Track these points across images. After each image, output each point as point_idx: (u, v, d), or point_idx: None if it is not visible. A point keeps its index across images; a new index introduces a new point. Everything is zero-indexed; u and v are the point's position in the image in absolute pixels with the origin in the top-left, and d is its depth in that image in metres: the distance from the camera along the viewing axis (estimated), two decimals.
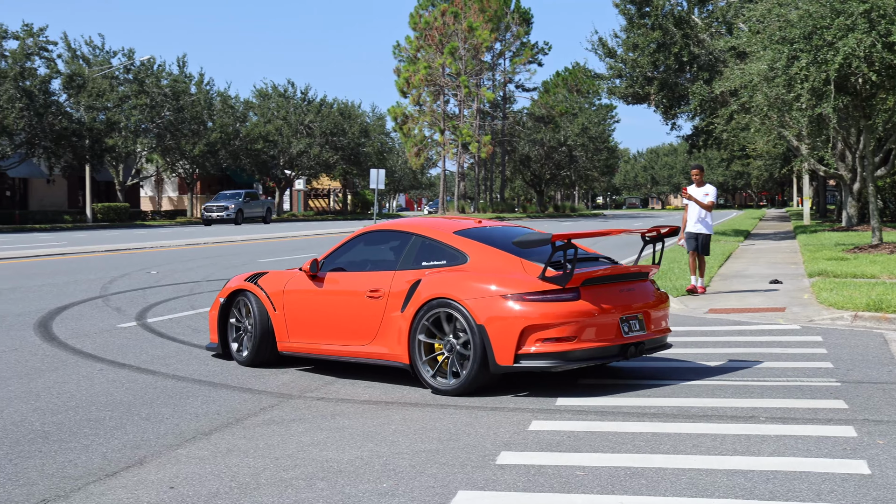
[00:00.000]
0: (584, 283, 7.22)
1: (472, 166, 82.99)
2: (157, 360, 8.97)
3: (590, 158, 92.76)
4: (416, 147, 70.61)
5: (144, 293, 14.80)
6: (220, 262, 21.75)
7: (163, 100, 59.91)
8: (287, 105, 75.43)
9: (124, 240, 33.32)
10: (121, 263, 21.01)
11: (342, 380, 8.07)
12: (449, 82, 71.85)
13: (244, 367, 8.62)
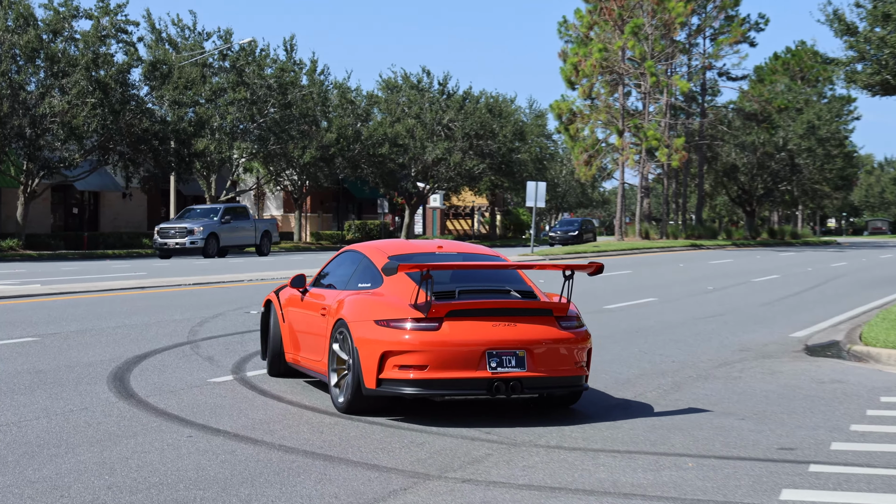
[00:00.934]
0: (450, 313, 9.16)
1: (659, 178, 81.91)
2: (259, 426, 9.06)
3: (818, 168, 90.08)
4: (585, 153, 70.24)
5: (243, 339, 15.10)
6: None
7: (266, 93, 61.86)
8: (421, 99, 76.51)
9: (217, 270, 34.35)
10: (213, 300, 21.60)
11: (495, 455, 7.94)
12: (630, 69, 71.29)
13: (367, 438, 8.61)
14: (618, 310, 20.62)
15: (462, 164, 74.73)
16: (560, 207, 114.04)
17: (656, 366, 13.10)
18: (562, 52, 72.76)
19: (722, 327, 17.64)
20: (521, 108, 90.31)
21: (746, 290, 26.62)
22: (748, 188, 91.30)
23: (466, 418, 9.52)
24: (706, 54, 77.20)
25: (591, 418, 9.63)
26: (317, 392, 10.74)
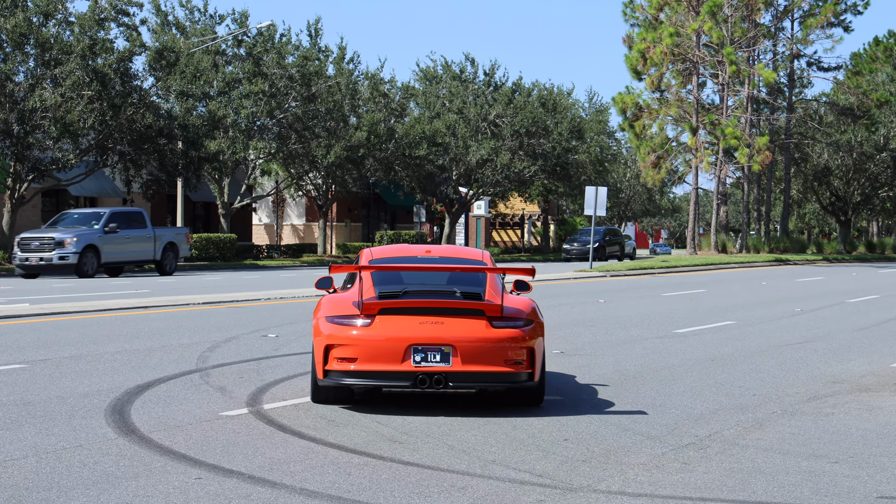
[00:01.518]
0: (382, 310, 11.40)
1: (738, 183, 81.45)
2: (277, 466, 9.10)
3: None
4: (653, 154, 70.09)
5: (259, 366, 15.20)
6: None
7: (287, 85, 62.21)
8: (464, 92, 76.63)
9: (230, 287, 34.54)
10: (226, 322, 21.75)
11: (547, 502, 7.95)
12: (706, 57, 71.06)
13: (401, 480, 8.63)
14: (690, 334, 20.55)
15: (511, 166, 74.70)
16: (623, 216, 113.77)
17: (735, 399, 13.04)
18: (627, 38, 72.69)
19: (811, 355, 17.53)
20: (579, 102, 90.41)
21: (840, 313, 26.44)
22: (843, 194, 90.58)
23: (513, 457, 9.53)
24: (795, 39, 76.74)
25: (659, 459, 9.61)
26: (344, 428, 10.78)
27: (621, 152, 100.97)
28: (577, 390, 13.42)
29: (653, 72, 69.85)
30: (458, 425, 10.99)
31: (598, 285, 38.19)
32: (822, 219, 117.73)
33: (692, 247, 71.52)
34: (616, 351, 17.62)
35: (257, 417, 11.31)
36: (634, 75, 70.78)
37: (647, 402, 12.60)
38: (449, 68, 78.61)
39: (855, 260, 77.89)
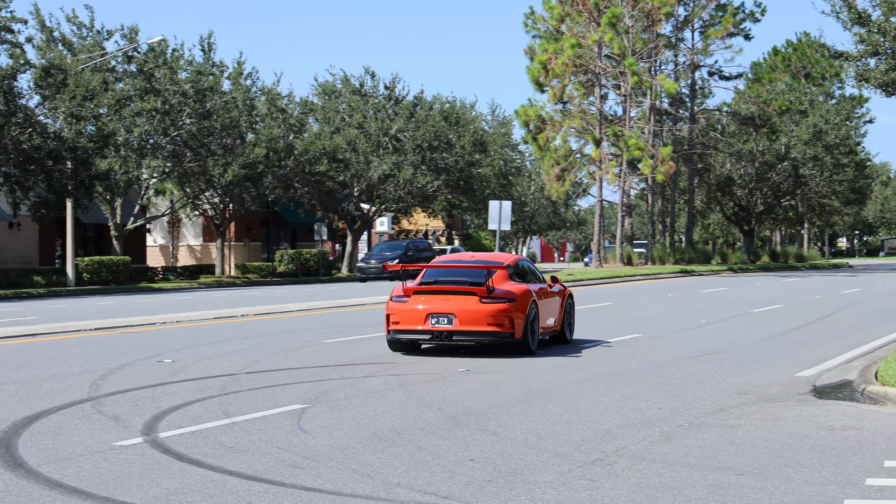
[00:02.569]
0: (415, 292, 19.04)
1: (642, 194, 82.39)
2: (174, 497, 8.98)
3: (826, 179, 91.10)
4: (557, 166, 70.61)
5: (154, 393, 15.00)
6: (267, 343, 21.97)
7: (181, 101, 61.65)
8: (364, 106, 76.61)
9: (124, 312, 34.09)
10: (119, 348, 21.46)
11: None
12: (608, 68, 71.84)
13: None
14: (597, 348, 20.69)
15: (413, 180, 74.78)
16: (528, 230, 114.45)
17: (642, 414, 13.15)
18: (529, 49, 73.21)
19: (717, 367, 17.74)
20: (482, 115, 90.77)
21: (745, 323, 26.82)
22: (746, 204, 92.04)
23: (418, 479, 9.50)
24: (695, 50, 77.90)
25: (566, 476, 9.64)
26: (244, 454, 10.66)
27: (525, 165, 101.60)
28: (484, 408, 13.43)
29: (555, 83, 70.37)
30: (361, 448, 10.94)
31: None
32: (726, 229, 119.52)
33: (598, 260, 72.12)
34: (523, 367, 17.68)
35: (153, 446, 11.14)
36: (537, 87, 71.24)
37: (554, 419, 12.65)
38: (348, 82, 78.55)
39: (759, 269, 79.12)
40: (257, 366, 18.10)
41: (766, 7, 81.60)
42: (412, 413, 13.09)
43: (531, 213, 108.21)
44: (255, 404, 13.88)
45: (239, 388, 15.35)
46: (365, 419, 12.66)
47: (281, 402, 14.08)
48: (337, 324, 27.18)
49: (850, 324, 26.47)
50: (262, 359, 19.18)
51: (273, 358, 19.30)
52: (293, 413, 13.17)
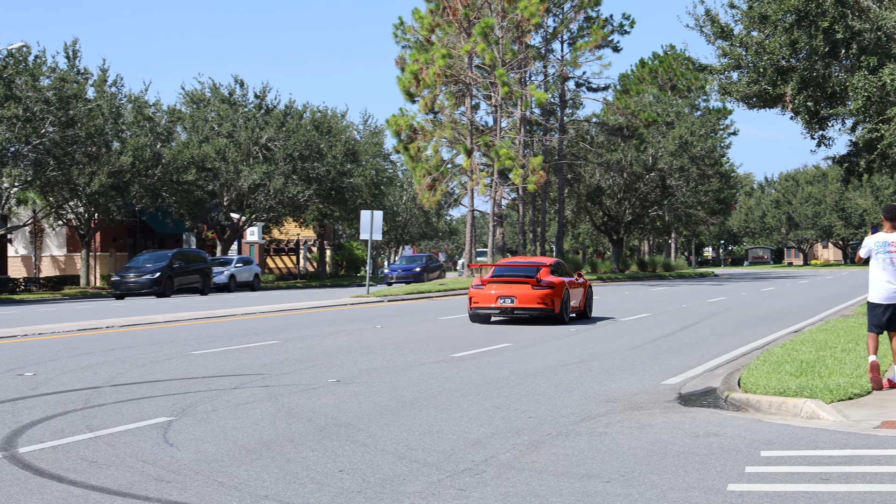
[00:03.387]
0: (488, 283, 29.88)
1: (513, 204, 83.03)
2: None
3: (693, 189, 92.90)
4: (429, 176, 70.77)
5: (14, 407, 14.66)
6: (133, 355, 21.64)
7: (43, 109, 60.52)
8: (234, 115, 76.02)
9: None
10: None
11: None
12: (479, 78, 72.27)
13: None
14: (468, 358, 20.77)
15: (284, 190, 74.41)
16: (401, 240, 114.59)
17: (511, 423, 13.23)
18: (399, 59, 73.26)
19: (586, 375, 17.94)
20: (353, 125, 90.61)
21: (613, 332, 27.16)
22: (615, 213, 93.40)
23: (286, 492, 9.43)
24: (564, 61, 78.78)
25: (436, 486, 9.65)
26: (108, 469, 10.47)
27: (397, 175, 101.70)
28: (354, 419, 13.38)
29: (426, 94, 70.54)
30: (228, 461, 10.83)
31: (376, 311, 38.30)
32: (595, 238, 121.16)
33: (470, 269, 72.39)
34: (394, 377, 17.67)
35: (12, 462, 10.88)
36: (408, 97, 71.32)
37: (424, 429, 12.66)
38: (217, 91, 77.88)
39: (628, 279, 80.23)
40: (122, 378, 17.81)
41: (635, 20, 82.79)
42: (281, 425, 12.99)
43: (403, 222, 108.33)
44: (120, 417, 13.65)
45: (103, 402, 15.08)
46: (233, 431, 12.54)
47: (147, 414, 13.87)
48: (206, 335, 26.89)
49: (714, 332, 26.98)
50: (127, 371, 18.88)
51: (139, 370, 19.01)
52: (159, 426, 12.98)
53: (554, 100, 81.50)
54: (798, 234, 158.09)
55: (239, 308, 39.16)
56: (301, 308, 39.54)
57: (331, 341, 24.42)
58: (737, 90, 39.54)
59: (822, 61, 37.39)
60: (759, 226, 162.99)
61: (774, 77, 38.12)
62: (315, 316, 35.05)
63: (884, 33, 35.69)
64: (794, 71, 37.77)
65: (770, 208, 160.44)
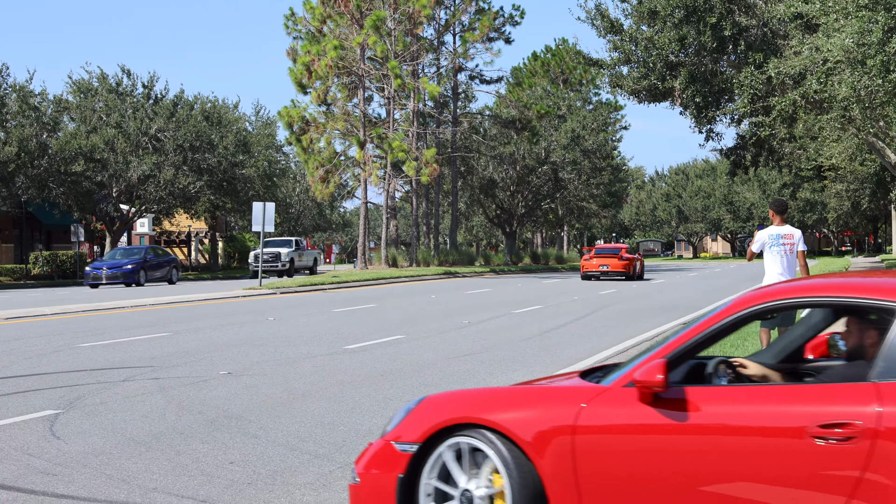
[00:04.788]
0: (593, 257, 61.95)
1: (407, 196, 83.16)
2: None
3: (585, 182, 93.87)
4: (322, 168, 70.56)
5: None
6: (18, 348, 21.32)
7: None
8: (122, 105, 75.11)
9: None
10: None
11: None
12: (372, 70, 72.21)
13: None
14: (360, 350, 20.77)
15: (175, 181, 73.72)
16: (294, 231, 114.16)
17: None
18: (291, 50, 72.88)
19: (478, 367, 18.03)
20: (245, 116, 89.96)
21: (506, 324, 27.35)
22: (508, 206, 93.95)
23: (175, 484, 9.36)
24: (456, 53, 79.02)
25: (327, 477, 9.65)
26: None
27: (290, 167, 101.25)
28: (245, 411, 13.32)
29: (318, 85, 70.34)
30: (117, 453, 10.72)
31: (268, 303, 38.11)
32: (489, 231, 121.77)
33: (363, 262, 72.38)
34: (286, 370, 17.61)
35: None
36: (300, 89, 71.04)
37: (316, 420, 12.65)
38: (105, 80, 76.86)
39: (521, 271, 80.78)
40: (7, 371, 17.52)
41: (525, 10, 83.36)
42: (171, 417, 12.89)
43: (296, 214, 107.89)
44: (5, 410, 13.44)
45: None
46: (122, 424, 12.41)
47: (32, 407, 13.66)
48: (94, 327, 26.53)
49: (605, 324, 27.29)
50: (12, 364, 18.58)
51: (25, 363, 18.71)
52: (46, 419, 12.80)
53: (447, 92, 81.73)
54: (688, 227, 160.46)
55: (128, 300, 38.70)
56: (192, 300, 39.19)
57: (222, 333, 24.26)
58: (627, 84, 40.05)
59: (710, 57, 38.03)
60: (650, 219, 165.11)
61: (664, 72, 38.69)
62: (206, 308, 34.78)
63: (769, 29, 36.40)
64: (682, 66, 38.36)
65: (661, 202, 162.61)
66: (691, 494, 5.73)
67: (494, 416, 6.37)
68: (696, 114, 39.89)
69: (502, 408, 6.41)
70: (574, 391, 6.35)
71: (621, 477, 5.97)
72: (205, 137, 75.39)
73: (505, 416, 6.35)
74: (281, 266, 72.54)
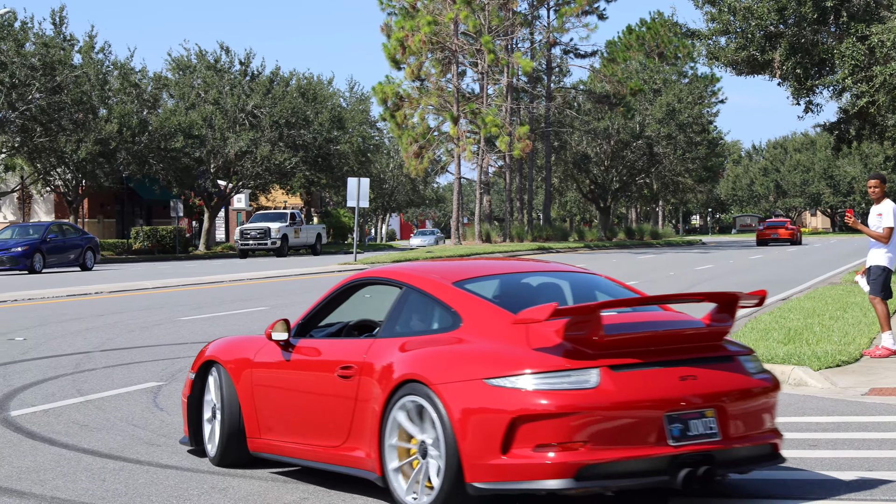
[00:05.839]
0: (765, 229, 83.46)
1: (500, 171, 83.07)
2: (25, 475, 8.87)
3: (680, 157, 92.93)
4: (415, 143, 70.71)
5: (5, 371, 14.75)
6: (122, 321, 21.69)
7: (29, 75, 60.28)
8: (220, 82, 75.83)
9: None
10: None
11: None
12: (465, 45, 72.12)
13: (158, 485, 8.50)
14: None
15: (271, 157, 74.32)
16: (387, 207, 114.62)
17: None
18: (385, 26, 73.00)
19: None
20: (340, 92, 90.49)
21: None
22: (602, 181, 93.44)
23: None
24: (550, 28, 78.64)
25: None
26: (99, 432, 10.53)
27: (384, 142, 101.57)
28: None
29: (412, 61, 70.39)
30: None
31: None
32: (583, 206, 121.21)
33: (457, 237, 72.50)
34: None
35: (4, 425, 10.96)
36: (394, 65, 71.16)
37: None
38: (203, 57, 77.66)
39: (615, 246, 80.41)
40: (112, 343, 17.87)
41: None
42: None
43: (390, 190, 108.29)
44: (110, 382, 13.72)
45: (93, 366, 15.14)
46: None
47: (136, 379, 13.93)
48: (195, 301, 26.94)
49: None
50: (116, 336, 18.93)
51: (128, 335, 19.07)
52: (149, 391, 13.05)
53: (540, 67, 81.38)
54: (786, 202, 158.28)
55: (228, 275, 39.18)
56: (288, 275, 39.58)
57: None
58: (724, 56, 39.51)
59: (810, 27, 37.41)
60: (747, 194, 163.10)
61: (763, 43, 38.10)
62: (302, 283, 35.11)
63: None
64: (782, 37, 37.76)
65: (758, 176, 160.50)
66: (289, 400, 8.76)
67: (223, 356, 9.36)
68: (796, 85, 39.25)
69: (230, 351, 9.43)
70: (262, 339, 9.20)
71: (269, 395, 8.94)
72: (300, 114, 75.90)
73: (228, 356, 9.37)
74: (271, 244, 65.43)
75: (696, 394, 7.39)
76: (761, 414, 7.74)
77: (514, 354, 7.40)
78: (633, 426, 7.15)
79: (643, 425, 7.17)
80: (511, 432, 7.09)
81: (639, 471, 7.14)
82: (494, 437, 7.12)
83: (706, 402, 7.41)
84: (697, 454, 7.26)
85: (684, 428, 7.28)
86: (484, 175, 73.66)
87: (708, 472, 7.26)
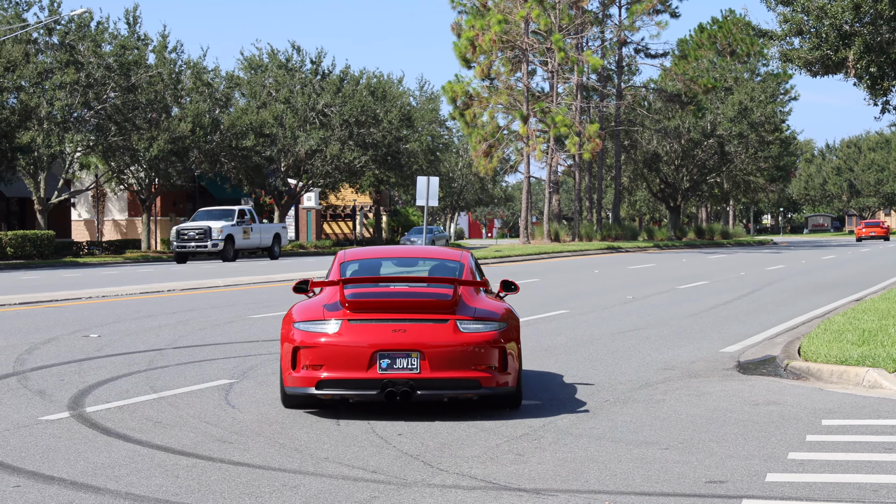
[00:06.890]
0: None
1: (569, 171, 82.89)
2: (101, 471, 8.98)
3: (751, 156, 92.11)
4: (485, 142, 70.73)
5: (81, 367, 14.92)
6: (194, 318, 21.87)
7: (105, 75, 60.98)
8: (291, 81, 76.24)
9: (48, 286, 33.74)
10: (44, 322, 21.26)
11: (381, 498, 7.99)
12: (535, 44, 72.01)
13: (231, 482, 8.57)
14: (524, 325, 20.77)
15: (340, 156, 74.63)
16: (456, 206, 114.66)
17: (567, 389, 13.28)
18: (455, 25, 73.13)
19: (643, 343, 17.93)
20: (409, 91, 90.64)
21: (671, 300, 27.09)
22: (672, 181, 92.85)
23: (346, 454, 9.55)
24: (622, 26, 78.28)
25: (494, 450, 9.73)
26: (172, 429, 10.65)
27: (453, 141, 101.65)
28: None
29: (482, 60, 70.43)
30: (289, 423, 10.99)
31: None
32: (652, 205, 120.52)
33: (525, 236, 72.42)
34: None
35: (79, 421, 11.11)
36: (464, 63, 71.26)
37: None
38: (274, 56, 78.13)
39: (685, 246, 79.89)
40: (184, 341, 18.04)
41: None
42: None
43: (459, 189, 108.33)
44: (183, 379, 13.86)
45: (166, 363, 15.30)
46: None
47: (208, 377, 14.06)
48: (263, 299, 27.12)
49: (773, 300, 26.83)
50: (188, 334, 19.11)
51: (200, 333, 19.24)
52: (220, 388, 13.17)
53: (611, 66, 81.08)
54: (860, 201, 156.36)
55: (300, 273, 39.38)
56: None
57: None
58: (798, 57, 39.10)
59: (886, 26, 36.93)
60: (820, 193, 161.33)
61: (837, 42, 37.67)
62: None
63: None
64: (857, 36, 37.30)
65: (831, 175, 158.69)
66: None
67: None
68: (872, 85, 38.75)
69: None
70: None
71: None
72: (370, 112, 76.14)
73: None
74: (212, 246, 56.17)
75: (404, 342, 10.88)
76: (466, 357, 10.92)
77: (308, 308, 11.48)
78: (353, 358, 10.86)
79: (360, 357, 10.84)
80: (295, 357, 11.08)
81: (357, 386, 10.89)
82: (289, 359, 11.11)
83: (411, 346, 10.86)
84: (400, 381, 10.81)
85: (391, 363, 10.83)
86: (553, 174, 73.50)
87: (404, 393, 10.83)
